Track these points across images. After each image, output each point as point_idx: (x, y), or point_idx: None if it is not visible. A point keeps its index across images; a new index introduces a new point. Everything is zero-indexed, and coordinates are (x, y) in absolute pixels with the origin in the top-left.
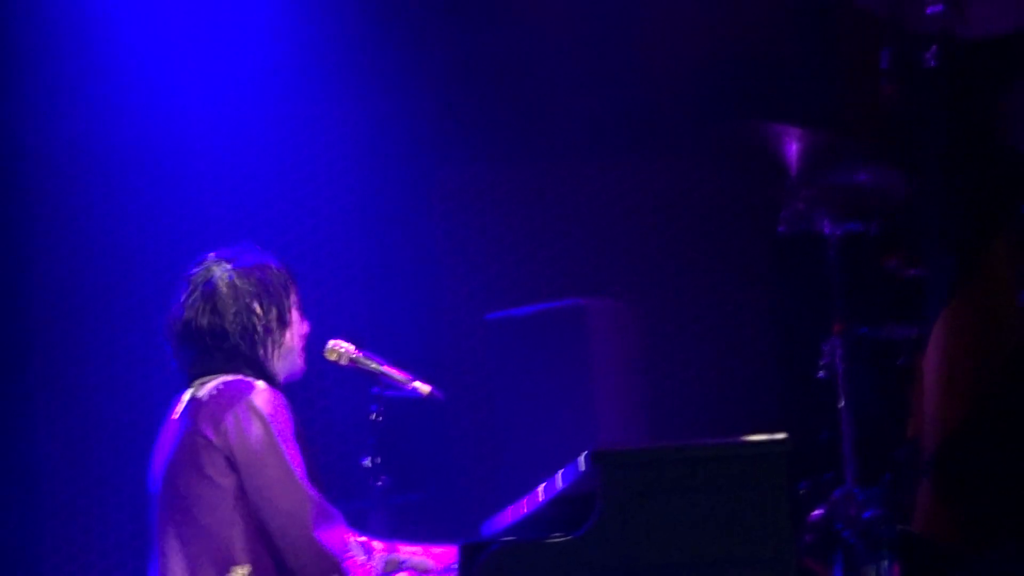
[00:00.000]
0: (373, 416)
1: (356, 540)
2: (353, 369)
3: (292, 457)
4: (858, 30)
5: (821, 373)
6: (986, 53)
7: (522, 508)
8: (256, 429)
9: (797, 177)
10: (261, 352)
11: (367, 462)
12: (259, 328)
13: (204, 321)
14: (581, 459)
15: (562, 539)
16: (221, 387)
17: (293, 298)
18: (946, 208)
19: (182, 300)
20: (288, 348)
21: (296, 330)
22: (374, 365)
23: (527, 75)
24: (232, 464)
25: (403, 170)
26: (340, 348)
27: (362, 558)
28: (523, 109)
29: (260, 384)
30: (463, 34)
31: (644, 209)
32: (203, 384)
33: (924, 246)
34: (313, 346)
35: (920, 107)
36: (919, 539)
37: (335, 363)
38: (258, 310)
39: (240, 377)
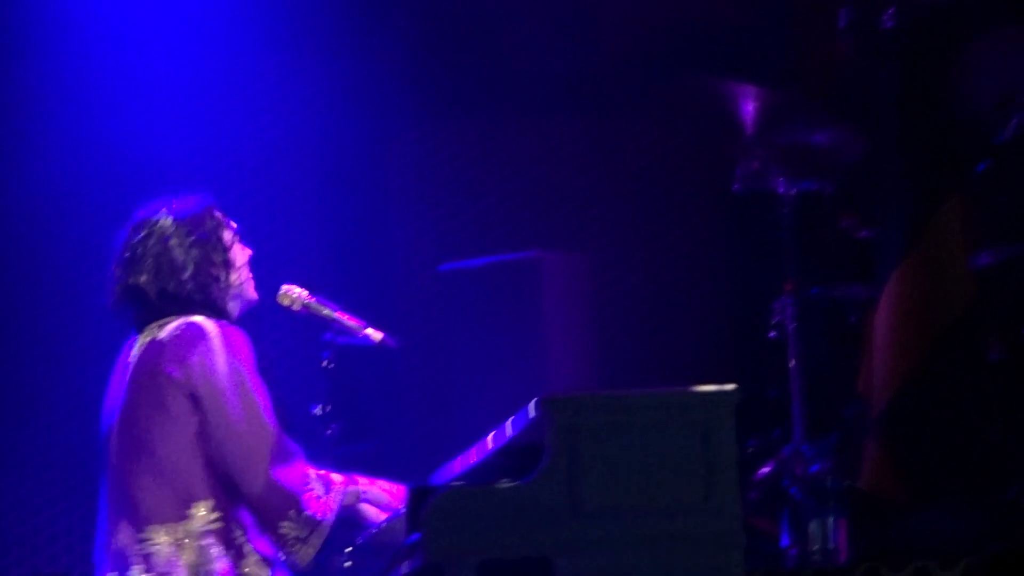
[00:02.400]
0: (324, 363)
1: (316, 474)
2: (306, 315)
3: (257, 391)
4: None
5: (772, 332)
6: (943, 14)
7: (471, 456)
8: (221, 365)
9: (753, 135)
10: (213, 296)
11: (317, 410)
12: (207, 278)
13: (152, 284)
14: (531, 405)
15: (510, 484)
16: (184, 327)
17: (228, 235)
18: (900, 169)
19: (125, 264)
20: (236, 285)
21: (240, 266)
22: (327, 311)
23: (484, 31)
24: (196, 401)
25: (361, 122)
26: (293, 293)
27: (320, 492)
28: (480, 64)
29: (220, 323)
30: None
31: (600, 164)
32: (161, 326)
33: (878, 206)
34: (266, 291)
35: (876, 67)
36: (865, 495)
37: (288, 308)
38: (204, 263)
39: (201, 318)
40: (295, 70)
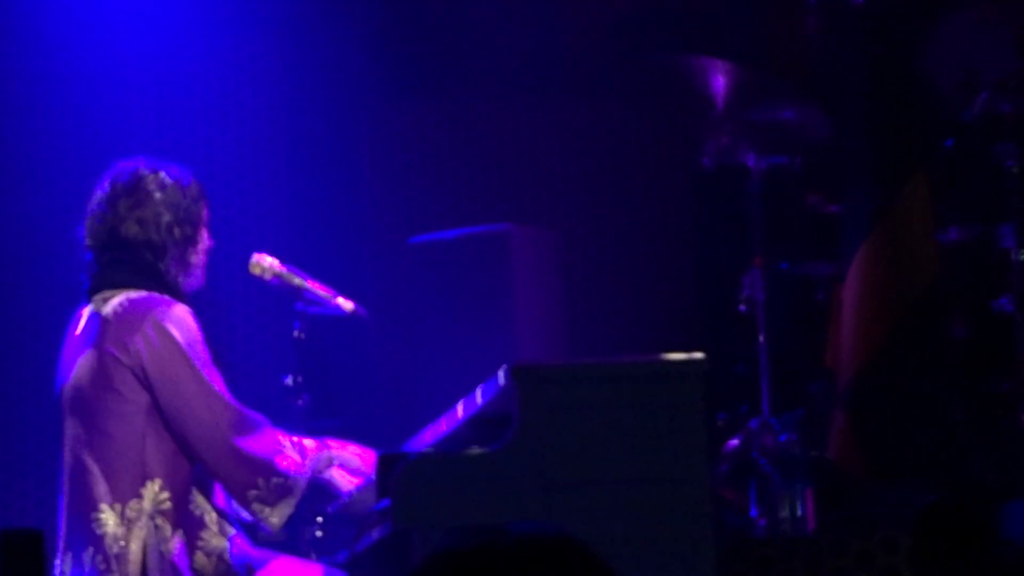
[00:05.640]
0: (296, 333)
1: (289, 440)
2: (277, 284)
3: (206, 369)
4: None
5: (741, 307)
6: None
7: (442, 425)
8: (166, 345)
9: (722, 111)
10: (168, 267)
11: (288, 380)
12: (170, 244)
13: (129, 230)
14: (500, 374)
15: (479, 452)
16: (126, 304)
17: (204, 215)
18: (867, 145)
19: (107, 204)
20: (193, 265)
21: (202, 247)
22: (298, 280)
23: (455, 7)
24: (144, 382)
25: (331, 96)
26: (264, 262)
27: (295, 456)
28: (449, 40)
29: (163, 299)
30: None
31: (570, 140)
32: (106, 300)
33: (845, 182)
34: (237, 260)
35: (845, 44)
36: (832, 466)
37: (259, 277)
38: (175, 228)
39: (145, 293)
40: (265, 48)
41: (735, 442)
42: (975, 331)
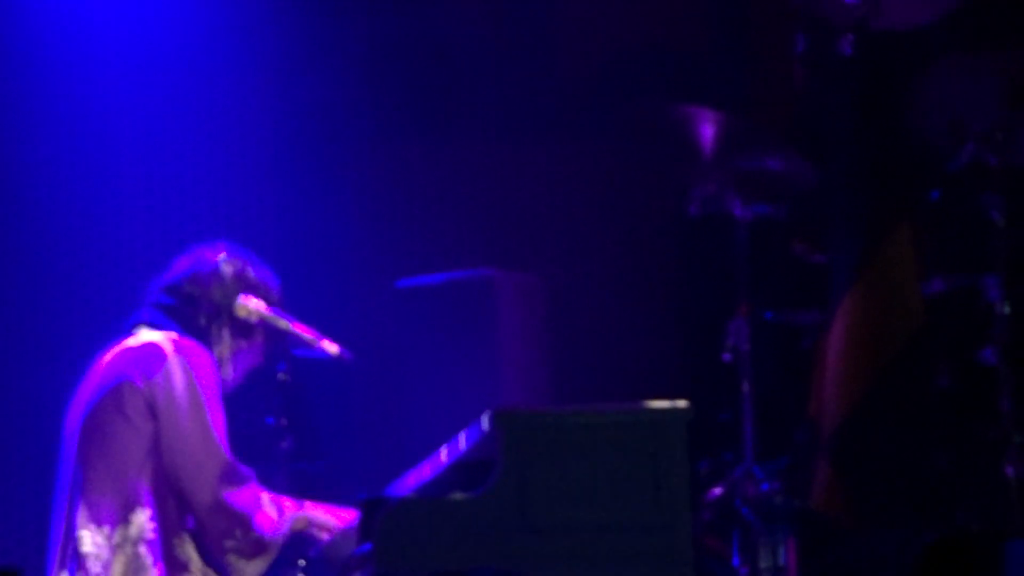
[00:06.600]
0: (280, 376)
1: (268, 498)
2: (262, 326)
3: (213, 417)
4: (774, 15)
5: (726, 355)
6: (899, 44)
7: (425, 470)
8: (184, 384)
9: (710, 159)
10: (214, 333)
11: (273, 422)
12: (227, 319)
13: (202, 296)
14: (484, 419)
15: (461, 497)
16: (161, 341)
17: (268, 314)
18: (853, 194)
19: (185, 270)
20: (236, 352)
21: (251, 346)
22: (283, 323)
23: (444, 49)
24: (153, 412)
25: (318, 141)
26: (250, 304)
27: (273, 514)
28: (438, 83)
29: (190, 342)
30: (384, 10)
31: (558, 185)
32: (140, 336)
33: (830, 232)
34: None
35: (832, 94)
36: (815, 515)
37: (244, 319)
38: (239, 309)
39: (171, 335)
40: (251, 91)
41: (718, 490)
42: (959, 381)
